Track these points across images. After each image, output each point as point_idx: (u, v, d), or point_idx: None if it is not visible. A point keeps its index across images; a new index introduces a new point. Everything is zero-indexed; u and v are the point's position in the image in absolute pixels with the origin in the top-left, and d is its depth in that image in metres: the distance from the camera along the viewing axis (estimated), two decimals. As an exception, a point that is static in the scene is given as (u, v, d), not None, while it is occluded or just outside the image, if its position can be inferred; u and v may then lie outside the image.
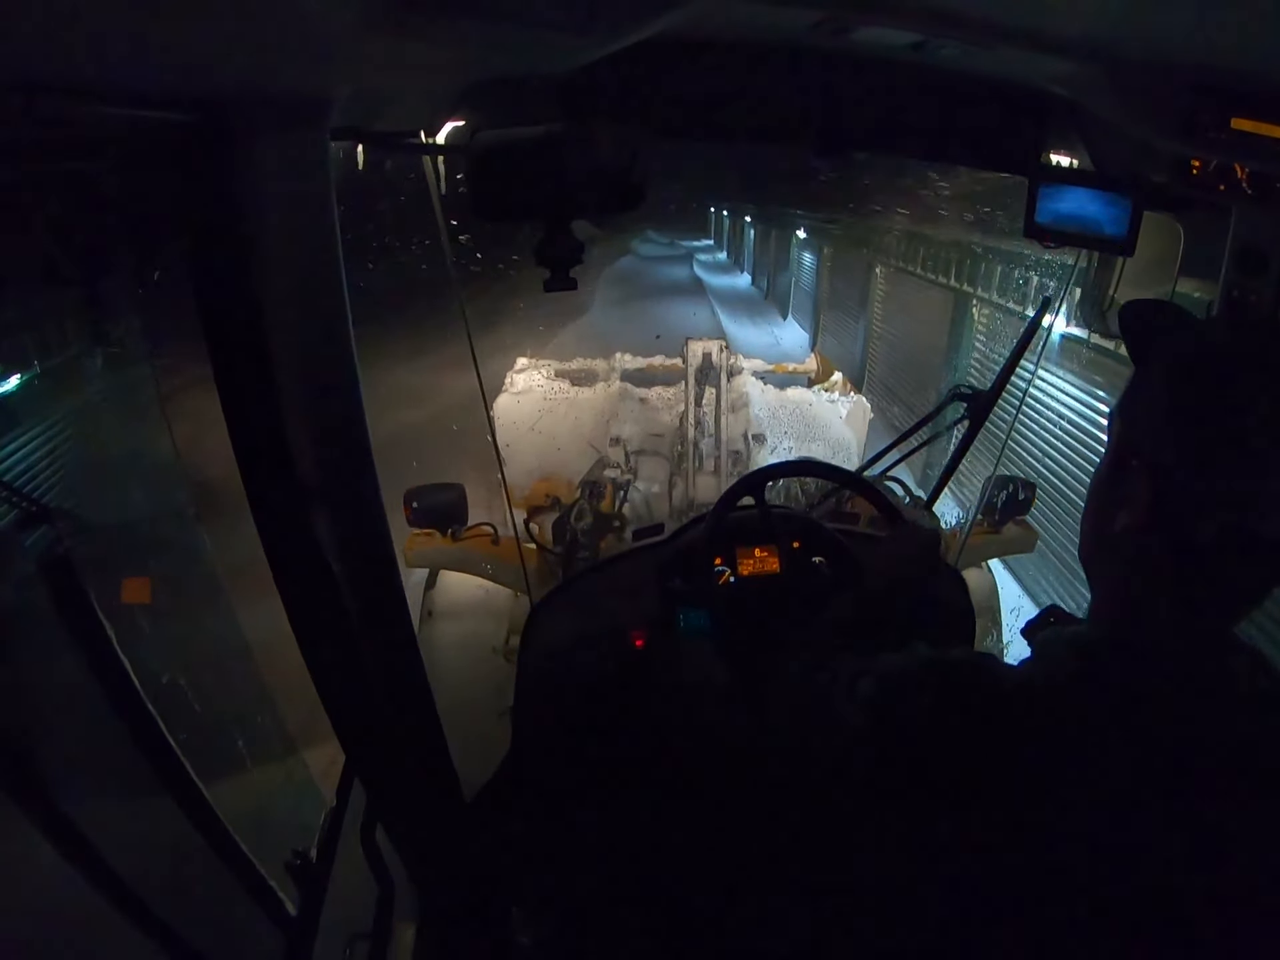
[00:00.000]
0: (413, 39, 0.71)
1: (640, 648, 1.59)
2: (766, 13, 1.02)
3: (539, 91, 1.02)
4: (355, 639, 1.04)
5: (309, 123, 0.77)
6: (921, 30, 0.95)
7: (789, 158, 4.11)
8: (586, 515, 2.39)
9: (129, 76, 0.55)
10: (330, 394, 0.91)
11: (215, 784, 1.03)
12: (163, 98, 0.63)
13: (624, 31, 0.88)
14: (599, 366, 4.31)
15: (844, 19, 0.93)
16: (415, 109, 1.07)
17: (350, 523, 0.99)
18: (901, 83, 1.24)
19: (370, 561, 1.04)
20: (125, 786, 0.83)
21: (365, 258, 5.96)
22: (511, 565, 2.31)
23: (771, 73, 1.23)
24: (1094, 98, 1.10)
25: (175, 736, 0.84)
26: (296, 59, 0.66)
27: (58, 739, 0.71)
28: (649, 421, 3.56)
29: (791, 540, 1.52)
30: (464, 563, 2.28)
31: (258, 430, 0.87)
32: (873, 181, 6.16)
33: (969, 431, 1.56)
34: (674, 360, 4.13)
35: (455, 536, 2.15)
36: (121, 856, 0.73)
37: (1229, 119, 0.93)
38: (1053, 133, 1.34)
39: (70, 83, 0.51)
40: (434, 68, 0.92)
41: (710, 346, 3.21)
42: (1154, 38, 0.88)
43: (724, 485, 3.23)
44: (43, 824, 0.66)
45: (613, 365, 4.23)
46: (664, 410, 3.60)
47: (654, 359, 4.37)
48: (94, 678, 0.74)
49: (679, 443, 3.35)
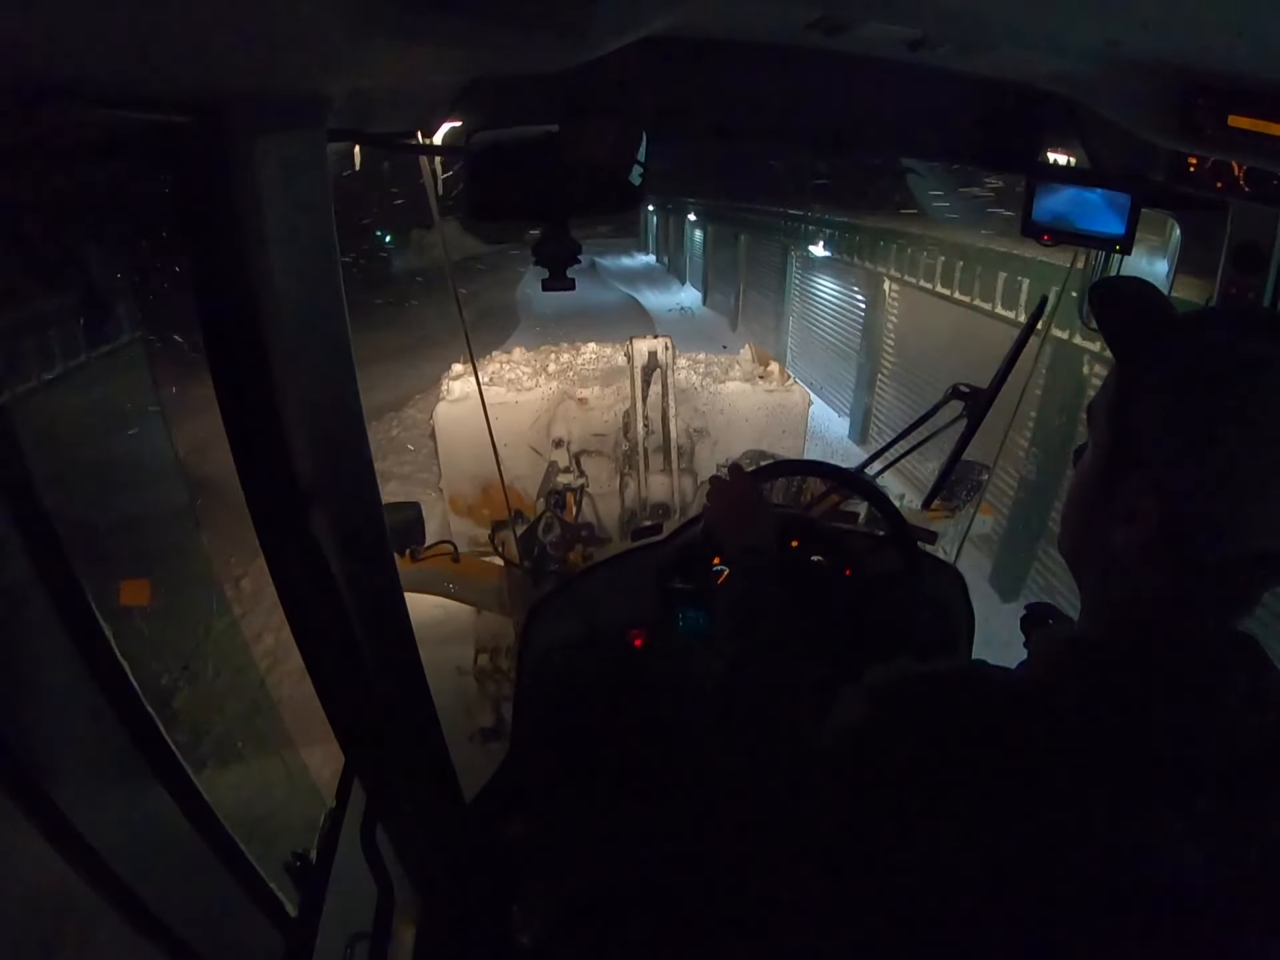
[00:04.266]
0: (410, 39, 0.71)
1: (640, 647, 1.59)
2: (763, 11, 1.03)
3: (536, 92, 1.02)
4: (354, 640, 1.04)
5: (307, 123, 0.77)
6: (917, 28, 0.95)
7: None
8: (554, 528, 2.37)
9: (129, 77, 0.55)
10: (328, 393, 0.91)
11: (215, 784, 1.03)
12: (162, 98, 0.63)
13: (621, 31, 0.88)
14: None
15: (840, 17, 0.93)
16: (412, 109, 1.07)
17: (348, 523, 0.99)
18: (898, 82, 1.24)
19: (368, 562, 1.04)
20: (123, 787, 0.82)
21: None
22: (475, 582, 2.28)
23: (768, 72, 1.23)
24: (1091, 96, 1.10)
25: (174, 737, 0.84)
26: (295, 60, 0.66)
27: (55, 739, 0.71)
28: (590, 422, 3.52)
29: (790, 539, 1.52)
30: (425, 584, 2.21)
31: (255, 431, 0.87)
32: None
33: (967, 430, 1.56)
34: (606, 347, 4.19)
35: (415, 557, 2.05)
36: (120, 856, 0.73)
37: (1226, 117, 0.93)
38: (1050, 131, 1.34)
39: (70, 83, 0.51)
40: (431, 68, 0.92)
41: (655, 344, 3.20)
42: (1151, 36, 0.88)
43: (676, 483, 3.24)
44: (40, 824, 0.66)
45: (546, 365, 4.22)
46: (603, 410, 3.59)
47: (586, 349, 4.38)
48: (91, 678, 0.74)
49: (624, 442, 3.32)
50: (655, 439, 3.23)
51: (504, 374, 4.02)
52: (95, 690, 0.74)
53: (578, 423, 3.53)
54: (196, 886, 0.91)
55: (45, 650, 0.71)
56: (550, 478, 3.19)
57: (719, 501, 1.19)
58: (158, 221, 1.10)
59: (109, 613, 0.77)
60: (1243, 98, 0.92)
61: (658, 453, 3.25)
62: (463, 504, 3.68)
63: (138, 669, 0.78)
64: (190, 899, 0.87)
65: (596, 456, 3.42)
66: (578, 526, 2.45)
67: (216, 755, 2.39)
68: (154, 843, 0.85)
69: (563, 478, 3.12)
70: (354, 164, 1.23)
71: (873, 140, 1.47)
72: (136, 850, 0.78)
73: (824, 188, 8.23)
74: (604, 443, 3.44)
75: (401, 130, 1.10)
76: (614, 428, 3.43)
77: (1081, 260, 1.67)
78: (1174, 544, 0.60)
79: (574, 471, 3.23)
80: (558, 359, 4.23)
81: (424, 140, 1.14)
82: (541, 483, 3.20)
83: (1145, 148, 1.12)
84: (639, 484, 3.16)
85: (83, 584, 0.74)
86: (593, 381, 3.77)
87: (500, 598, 2.44)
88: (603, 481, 3.28)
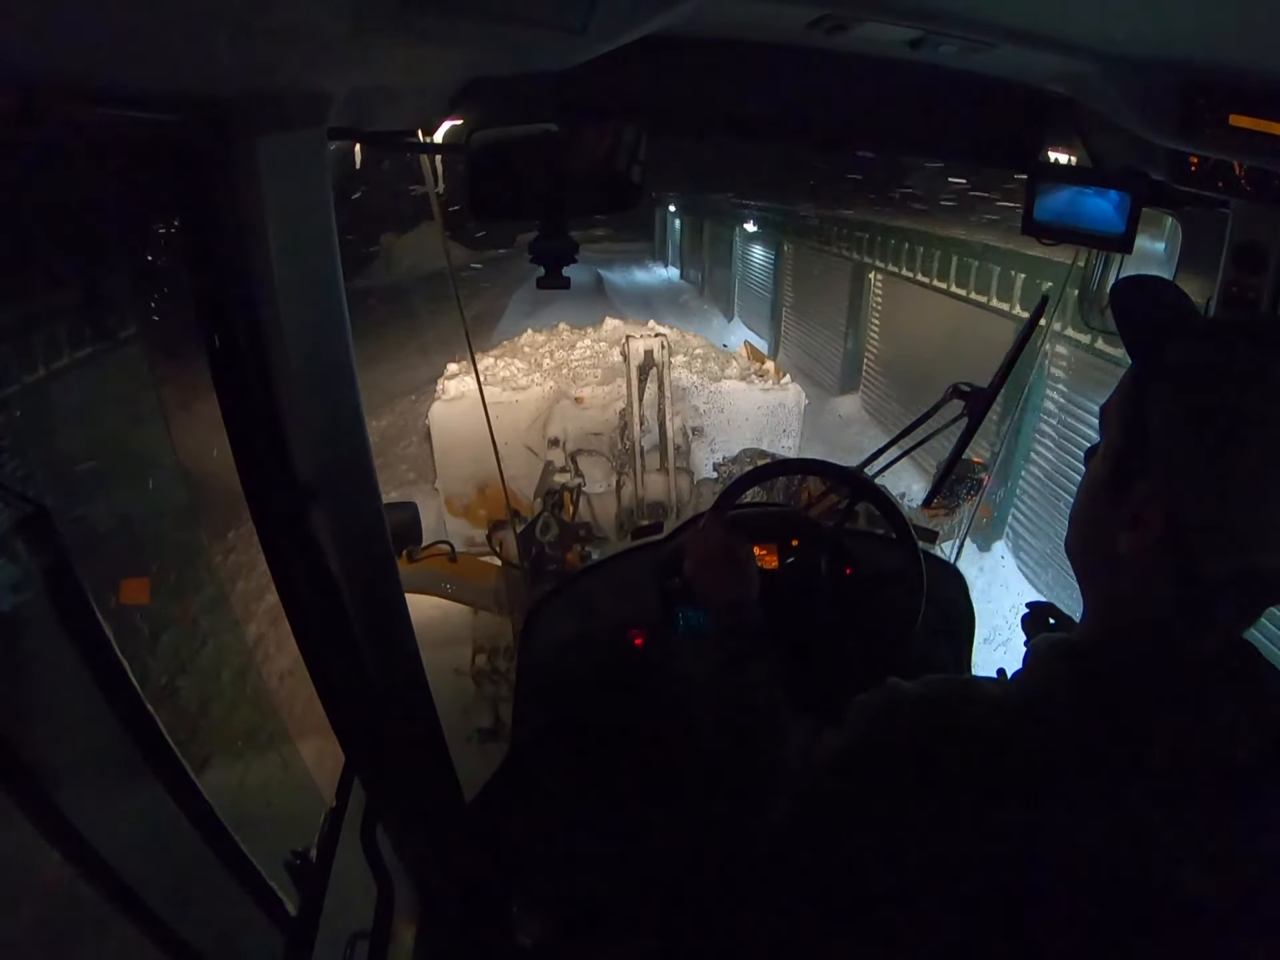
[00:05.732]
0: (410, 38, 0.71)
1: (640, 647, 1.59)
2: (764, 11, 1.02)
3: (536, 90, 1.02)
4: (354, 640, 1.04)
5: (307, 122, 0.77)
6: (918, 27, 0.95)
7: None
8: (553, 527, 2.36)
9: (129, 77, 0.55)
10: (328, 393, 0.91)
11: (215, 784, 1.03)
12: (163, 98, 0.63)
13: (621, 30, 0.88)
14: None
15: (841, 16, 0.93)
16: (413, 108, 1.07)
17: (349, 523, 0.99)
18: (899, 81, 1.24)
19: (369, 561, 1.04)
20: (123, 787, 0.82)
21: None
22: (473, 583, 2.28)
23: (769, 71, 1.23)
24: (1092, 95, 1.10)
25: (174, 736, 0.84)
26: (295, 59, 0.66)
27: (55, 739, 0.71)
28: (586, 421, 3.54)
29: (790, 538, 1.52)
30: (423, 584, 2.22)
31: (255, 430, 0.87)
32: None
33: (967, 429, 1.56)
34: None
35: (411, 558, 2.09)
36: (120, 856, 0.73)
37: (1227, 116, 0.93)
38: (1051, 130, 1.34)
39: (70, 83, 0.51)
40: (432, 67, 0.92)
41: (652, 343, 3.20)
42: (1152, 35, 0.88)
43: (673, 482, 3.24)
44: (39, 823, 0.66)
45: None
46: (599, 409, 3.58)
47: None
48: (92, 678, 0.74)
49: (620, 441, 3.33)
50: (651, 438, 3.23)
51: (498, 372, 4.02)
52: (95, 690, 0.74)
53: (574, 422, 3.54)
54: (196, 886, 0.91)
55: (45, 650, 0.71)
56: (547, 477, 3.19)
57: (697, 554, 1.15)
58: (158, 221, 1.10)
59: (109, 613, 0.77)
60: (1244, 97, 0.92)
61: (654, 451, 3.24)
62: (458, 504, 3.68)
63: (138, 669, 0.78)
64: (190, 899, 0.87)
65: (593, 456, 3.42)
66: (575, 526, 2.44)
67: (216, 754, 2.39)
68: (154, 842, 0.85)
69: (559, 477, 3.12)
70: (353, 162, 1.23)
71: (873, 139, 1.47)
72: (136, 850, 0.78)
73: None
74: (599, 442, 3.44)
75: (402, 129, 1.10)
76: (609, 426, 3.43)
77: (1083, 259, 1.67)
78: (1177, 556, 0.59)
79: (570, 471, 3.23)
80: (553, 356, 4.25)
81: (424, 139, 1.13)
82: (538, 482, 3.20)
83: (1145, 147, 1.12)
84: (635, 483, 3.16)
85: (83, 584, 0.73)
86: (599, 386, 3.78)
87: (498, 598, 2.44)
88: (599, 480, 3.28)
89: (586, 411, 3.57)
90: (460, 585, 2.29)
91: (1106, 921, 0.60)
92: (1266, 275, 1.25)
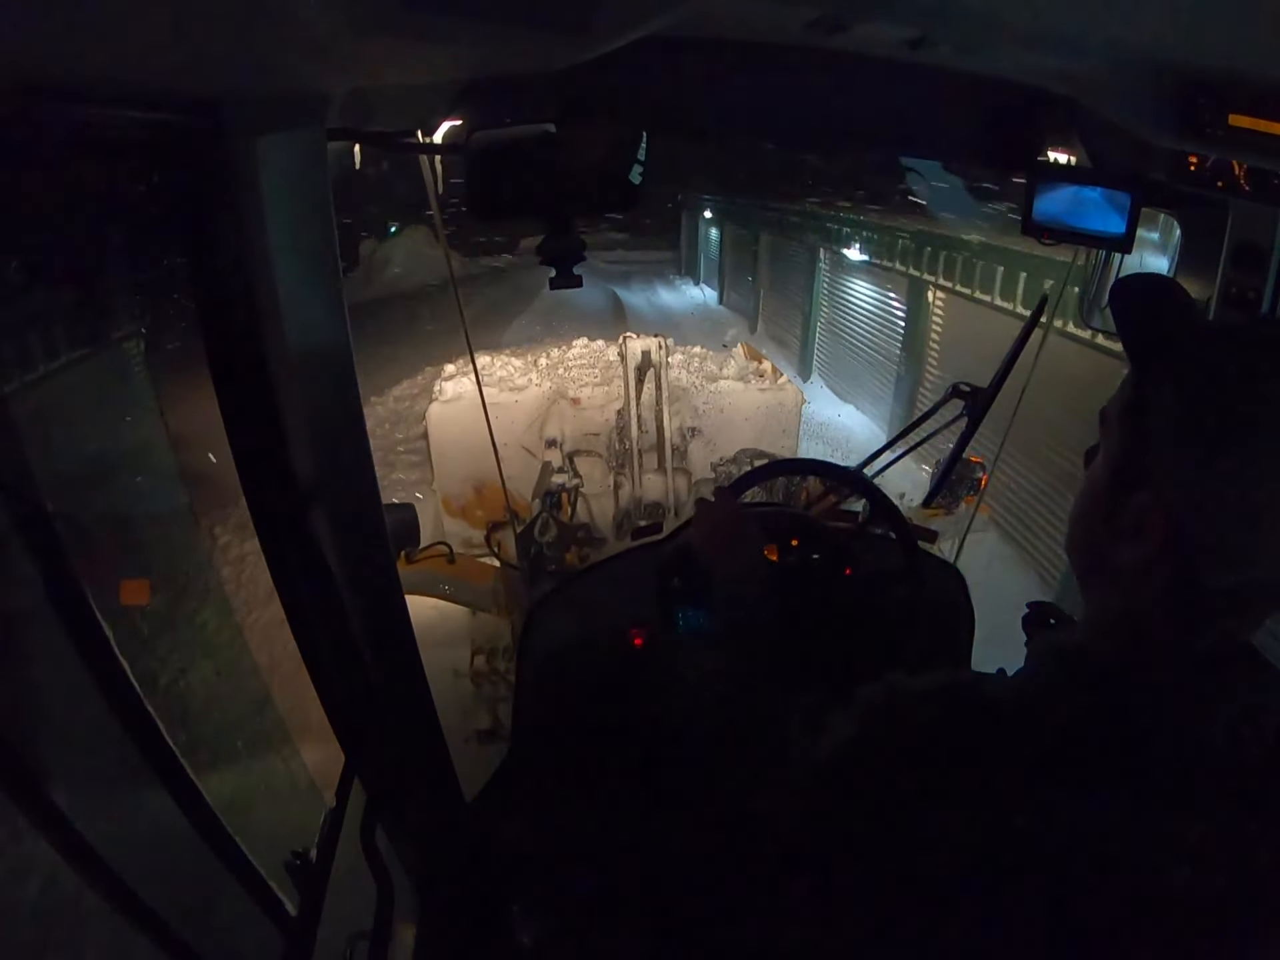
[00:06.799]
0: (410, 38, 0.71)
1: (640, 647, 1.59)
2: (764, 11, 1.02)
3: (536, 90, 1.02)
4: (354, 640, 1.04)
5: (307, 122, 0.77)
6: (918, 27, 0.95)
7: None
8: (551, 528, 2.35)
9: (129, 77, 0.55)
10: (328, 393, 0.91)
11: (214, 784, 1.03)
12: (163, 98, 0.63)
13: (621, 30, 0.88)
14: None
15: (841, 16, 0.93)
16: (413, 108, 1.07)
17: (348, 523, 0.99)
18: (899, 81, 1.24)
19: (368, 561, 1.04)
20: (123, 787, 0.82)
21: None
22: (471, 584, 2.28)
23: (769, 72, 1.23)
24: (1092, 95, 1.10)
25: (174, 736, 0.84)
26: (295, 59, 0.66)
27: (54, 739, 0.71)
28: (583, 421, 3.52)
29: (789, 538, 1.52)
30: (421, 586, 2.21)
31: (255, 430, 0.87)
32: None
33: (967, 429, 1.56)
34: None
35: (410, 559, 2.06)
36: (120, 856, 0.73)
37: (1227, 115, 0.93)
38: (1050, 130, 1.34)
39: (70, 83, 0.51)
40: (431, 67, 0.92)
41: (649, 343, 3.19)
42: (1152, 35, 0.88)
43: (670, 483, 3.23)
44: (39, 823, 0.66)
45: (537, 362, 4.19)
46: (597, 410, 3.57)
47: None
48: (91, 678, 0.74)
49: (617, 441, 3.31)
50: (649, 438, 3.22)
51: (495, 372, 4.01)
52: (95, 690, 0.74)
53: (571, 423, 3.53)
54: (196, 886, 0.91)
55: (45, 650, 0.71)
56: (545, 478, 3.18)
57: (703, 527, 1.16)
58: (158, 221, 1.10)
59: (109, 613, 0.76)
60: (1244, 97, 0.92)
61: (651, 452, 3.24)
62: (456, 505, 3.68)
63: (138, 669, 0.78)
64: (190, 899, 0.87)
65: (590, 456, 3.41)
66: (574, 527, 2.44)
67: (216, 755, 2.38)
68: (154, 843, 0.85)
69: (557, 478, 3.12)
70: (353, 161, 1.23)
71: (873, 139, 1.47)
72: (137, 850, 0.78)
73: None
74: (596, 442, 3.43)
75: (401, 129, 1.10)
76: (607, 427, 3.42)
77: (1082, 258, 1.67)
78: (1178, 565, 0.59)
79: (568, 472, 3.23)
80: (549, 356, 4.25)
81: (423, 139, 1.13)
82: (536, 483, 3.20)
83: (1146, 147, 1.12)
84: (633, 484, 3.16)
85: (83, 584, 0.73)
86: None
87: (496, 599, 2.44)
88: (596, 481, 3.28)
89: (584, 412, 3.56)
90: (459, 586, 2.29)
91: (1105, 922, 0.60)
92: (1266, 275, 1.25)
